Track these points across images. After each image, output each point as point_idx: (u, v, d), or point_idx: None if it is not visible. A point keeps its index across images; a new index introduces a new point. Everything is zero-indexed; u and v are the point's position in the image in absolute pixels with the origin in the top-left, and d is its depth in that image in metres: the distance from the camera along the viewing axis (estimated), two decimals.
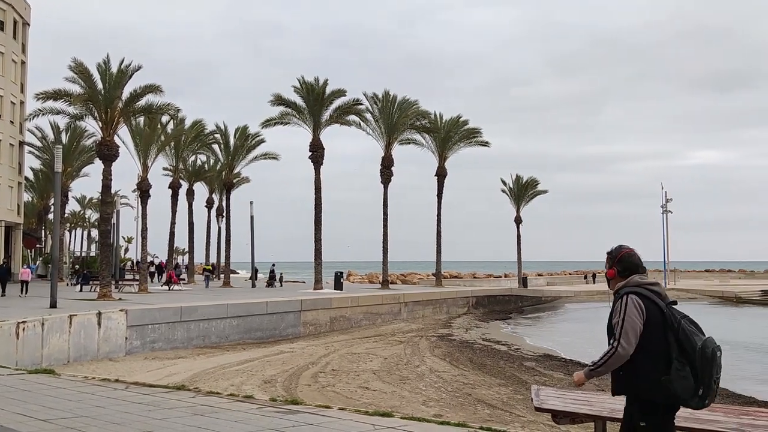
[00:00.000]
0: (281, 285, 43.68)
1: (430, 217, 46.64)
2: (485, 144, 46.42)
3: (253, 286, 42.71)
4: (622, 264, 4.08)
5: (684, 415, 4.88)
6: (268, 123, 38.22)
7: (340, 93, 37.00)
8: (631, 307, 3.85)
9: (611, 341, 3.91)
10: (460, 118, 45.65)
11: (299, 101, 36.92)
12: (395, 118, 40.52)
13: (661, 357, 3.79)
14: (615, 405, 5.42)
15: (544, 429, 10.66)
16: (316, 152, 36.89)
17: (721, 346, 3.81)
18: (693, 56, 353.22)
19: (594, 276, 76.38)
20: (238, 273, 71.96)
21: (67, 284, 38.49)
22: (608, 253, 4.18)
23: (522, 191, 55.03)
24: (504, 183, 55.40)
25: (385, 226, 40.61)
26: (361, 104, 38.73)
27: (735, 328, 33.15)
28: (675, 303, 3.98)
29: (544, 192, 56.70)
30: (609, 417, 5.12)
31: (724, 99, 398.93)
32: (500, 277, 72.17)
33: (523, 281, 53.86)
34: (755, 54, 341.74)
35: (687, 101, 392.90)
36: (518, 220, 54.87)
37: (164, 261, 49.53)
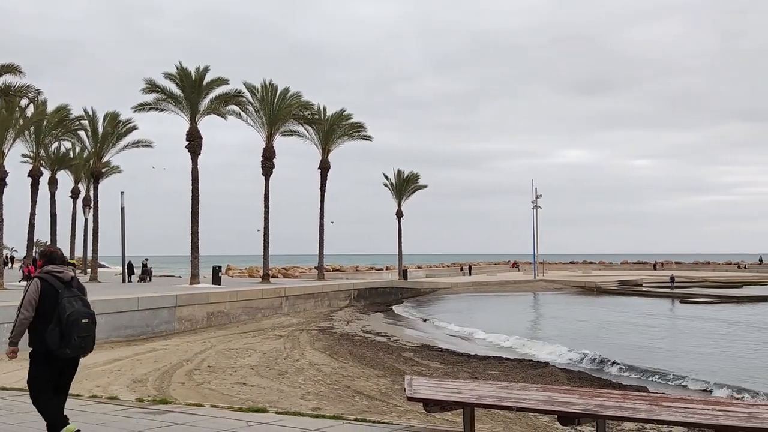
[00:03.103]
0: (150, 280, 41.60)
1: (313, 210, 46.41)
2: (368, 138, 46.89)
3: (124, 281, 40.51)
4: (44, 258, 5.80)
5: (542, 399, 5.16)
6: (140, 108, 36.14)
7: (221, 81, 35.79)
8: (32, 287, 5.56)
9: (17, 311, 5.54)
10: (344, 111, 45.77)
11: (175, 88, 35.34)
12: (277, 109, 39.88)
13: (49, 320, 5.45)
14: (482, 392, 5.62)
15: (419, 417, 10.89)
16: (194, 142, 35.51)
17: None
18: (562, 60, 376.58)
19: (470, 268, 79.68)
20: (108, 267, 68.09)
21: None
22: (39, 251, 5.76)
23: (403, 186, 56.28)
24: (386, 177, 56.40)
25: (266, 219, 39.95)
26: (243, 96, 37.76)
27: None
28: (72, 285, 5.62)
29: (425, 187, 58.28)
30: (477, 404, 5.30)
31: (589, 102, 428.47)
32: (382, 269, 73.44)
33: (404, 273, 55.09)
34: (615, 61, 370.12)
35: (557, 103, 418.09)
36: (399, 214, 56.04)
37: None
